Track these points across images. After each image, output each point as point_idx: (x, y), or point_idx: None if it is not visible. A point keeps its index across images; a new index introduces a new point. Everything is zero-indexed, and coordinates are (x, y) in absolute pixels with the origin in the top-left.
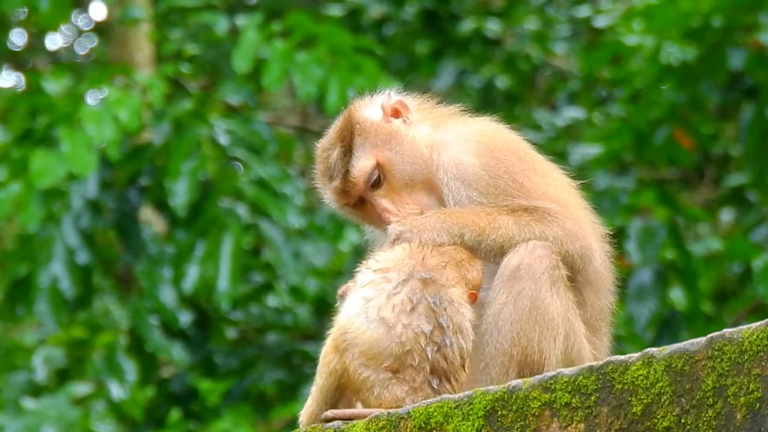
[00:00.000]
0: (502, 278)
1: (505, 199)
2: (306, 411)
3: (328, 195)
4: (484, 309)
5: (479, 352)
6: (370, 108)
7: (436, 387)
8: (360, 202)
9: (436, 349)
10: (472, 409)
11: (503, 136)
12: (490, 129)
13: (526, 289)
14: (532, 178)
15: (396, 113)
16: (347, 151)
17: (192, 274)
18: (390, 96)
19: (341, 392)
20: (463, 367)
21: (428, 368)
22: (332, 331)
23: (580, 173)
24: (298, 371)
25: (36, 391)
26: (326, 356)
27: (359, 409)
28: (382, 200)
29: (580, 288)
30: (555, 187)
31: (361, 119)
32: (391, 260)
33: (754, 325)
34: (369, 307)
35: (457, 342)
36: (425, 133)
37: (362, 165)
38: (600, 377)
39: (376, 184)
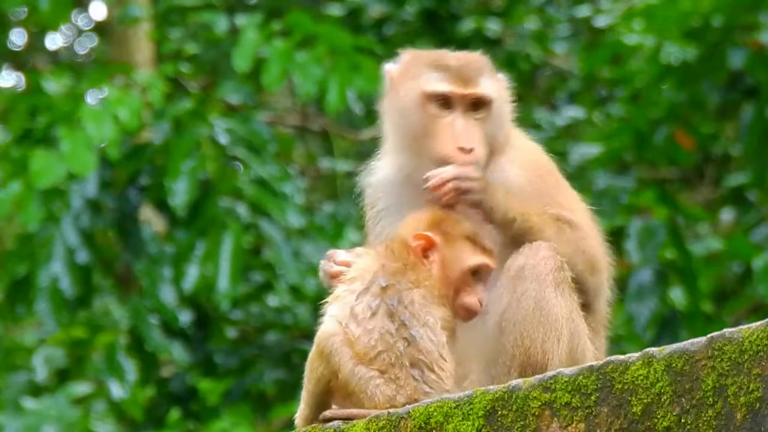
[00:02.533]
0: (506, 278)
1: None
2: (300, 415)
3: (436, 81)
4: (488, 309)
5: (481, 352)
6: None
7: (420, 378)
8: (446, 106)
9: (406, 344)
10: (472, 409)
11: (543, 155)
12: (532, 146)
13: (530, 290)
14: (566, 193)
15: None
16: (489, 70)
17: (192, 274)
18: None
19: (332, 395)
20: (443, 356)
21: (407, 362)
22: (316, 336)
23: (580, 173)
24: (298, 371)
25: (36, 390)
26: (313, 362)
27: (358, 409)
28: (473, 125)
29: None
30: (580, 207)
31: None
32: (359, 269)
33: (754, 324)
34: (341, 320)
35: (427, 334)
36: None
37: (493, 87)
38: (600, 377)
39: (480, 106)
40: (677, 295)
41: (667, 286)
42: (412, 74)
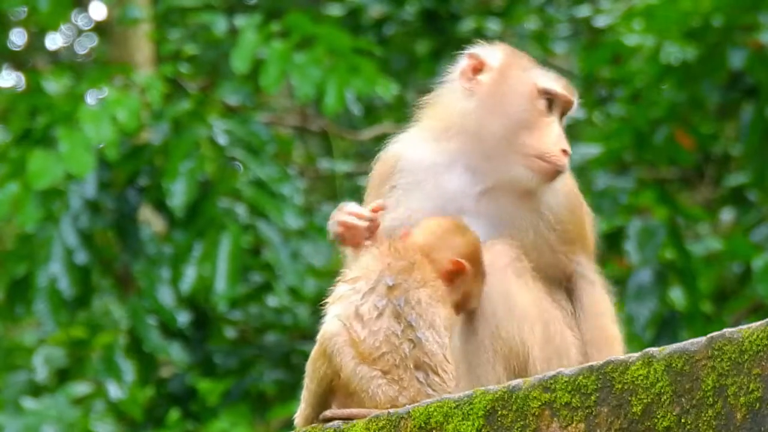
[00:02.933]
0: None
1: (571, 246)
2: (300, 414)
3: (549, 79)
4: (463, 315)
5: (462, 356)
6: None
7: (424, 381)
8: (549, 107)
9: (412, 346)
10: (472, 409)
11: (574, 184)
12: (571, 181)
13: (494, 284)
14: (591, 229)
15: None
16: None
17: (190, 275)
18: None
19: (333, 395)
20: (446, 358)
21: (411, 365)
22: (319, 336)
23: (581, 173)
24: (297, 371)
25: (36, 390)
26: (315, 361)
27: (359, 408)
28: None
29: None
30: (593, 240)
31: None
32: (362, 269)
33: (754, 324)
34: (344, 321)
35: (433, 336)
36: None
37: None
38: (600, 377)
39: (565, 115)
40: (677, 296)
41: (666, 287)
42: (522, 66)
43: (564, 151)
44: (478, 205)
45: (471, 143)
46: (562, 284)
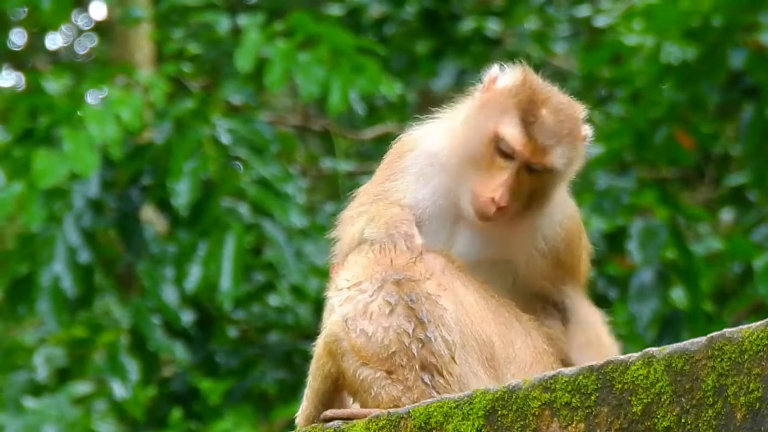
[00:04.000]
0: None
1: (562, 275)
2: (302, 413)
3: (512, 129)
4: None
5: None
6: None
7: (429, 382)
8: (508, 157)
9: (421, 345)
10: (472, 409)
11: (578, 216)
12: (571, 206)
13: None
14: (585, 262)
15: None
16: (574, 132)
17: (194, 274)
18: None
19: (337, 394)
20: (453, 359)
21: (417, 365)
22: (323, 334)
23: (581, 173)
24: (299, 371)
25: (37, 390)
26: (319, 359)
27: (359, 408)
28: (523, 182)
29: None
30: (586, 274)
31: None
32: (360, 273)
33: (754, 324)
34: (349, 322)
35: (441, 335)
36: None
37: (564, 157)
38: (600, 377)
39: (541, 171)
40: (678, 295)
41: (668, 286)
42: (502, 100)
43: (494, 201)
44: (474, 219)
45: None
46: (553, 307)
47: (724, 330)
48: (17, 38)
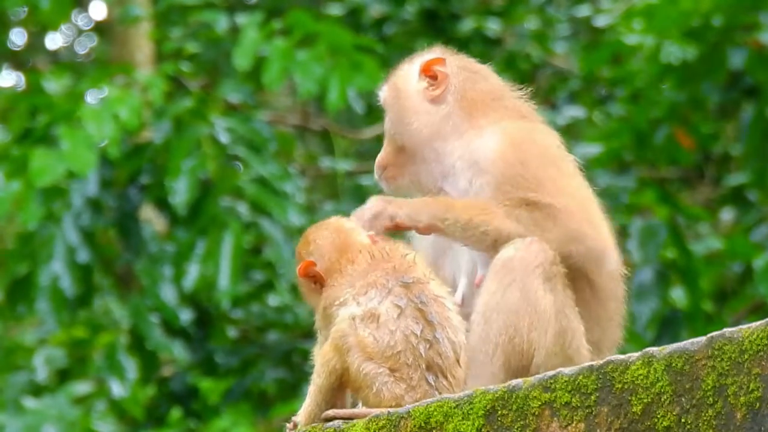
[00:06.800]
0: (494, 268)
1: (515, 191)
2: (305, 411)
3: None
4: (474, 299)
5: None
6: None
7: (432, 383)
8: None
9: (428, 346)
10: (472, 409)
11: (534, 133)
12: (523, 125)
13: (516, 281)
14: (550, 172)
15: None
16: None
17: (192, 273)
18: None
19: (341, 392)
20: (458, 362)
21: (423, 365)
22: (331, 332)
23: (581, 172)
24: (298, 370)
25: (37, 390)
26: (326, 355)
27: (359, 408)
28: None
29: (584, 290)
30: (575, 186)
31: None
32: (367, 281)
33: (754, 324)
34: (357, 323)
35: (448, 336)
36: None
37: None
38: (600, 377)
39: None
40: (678, 295)
41: (668, 286)
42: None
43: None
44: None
45: None
46: None
47: (724, 330)
48: (17, 38)
